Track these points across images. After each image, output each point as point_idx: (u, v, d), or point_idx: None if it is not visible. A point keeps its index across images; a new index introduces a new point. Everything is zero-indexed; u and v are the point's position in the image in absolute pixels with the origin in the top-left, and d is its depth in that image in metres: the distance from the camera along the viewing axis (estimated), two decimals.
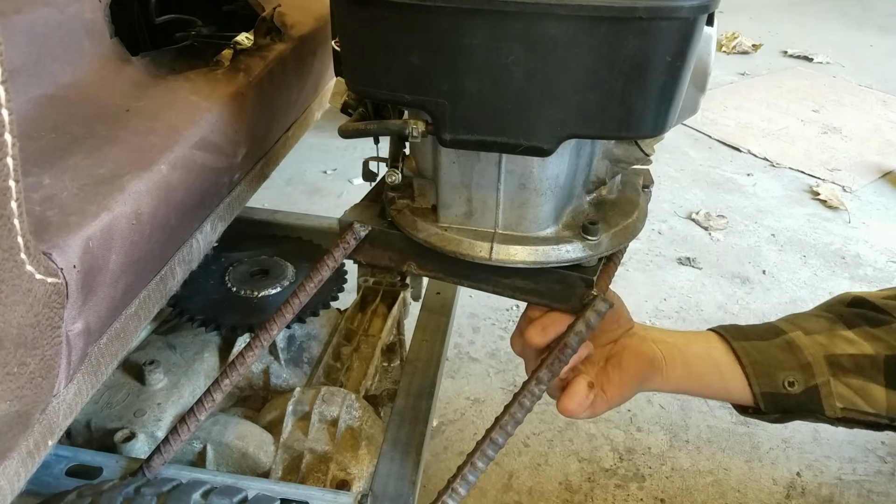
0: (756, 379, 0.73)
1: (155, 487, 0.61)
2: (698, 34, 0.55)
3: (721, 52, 3.59)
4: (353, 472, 0.83)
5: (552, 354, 0.67)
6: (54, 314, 0.45)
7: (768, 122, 2.86)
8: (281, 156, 0.94)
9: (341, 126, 0.69)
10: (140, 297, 0.62)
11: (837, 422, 0.75)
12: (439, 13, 0.54)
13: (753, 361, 0.74)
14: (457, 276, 0.74)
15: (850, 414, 0.73)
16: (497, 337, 1.60)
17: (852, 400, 0.73)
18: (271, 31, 0.88)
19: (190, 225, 0.70)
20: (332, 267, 0.78)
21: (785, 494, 1.26)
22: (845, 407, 0.73)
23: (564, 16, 0.52)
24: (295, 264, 1.12)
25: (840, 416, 0.74)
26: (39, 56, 0.62)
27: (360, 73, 0.62)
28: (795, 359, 0.74)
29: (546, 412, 1.40)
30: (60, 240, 0.48)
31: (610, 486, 1.26)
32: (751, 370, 0.74)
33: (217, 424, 0.87)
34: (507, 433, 0.66)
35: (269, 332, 0.77)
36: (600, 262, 0.71)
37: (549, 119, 0.57)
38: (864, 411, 0.73)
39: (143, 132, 0.63)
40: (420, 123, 0.62)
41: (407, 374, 0.95)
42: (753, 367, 0.74)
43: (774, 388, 0.73)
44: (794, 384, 0.73)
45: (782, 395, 0.73)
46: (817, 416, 0.74)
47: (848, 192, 2.36)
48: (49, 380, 0.47)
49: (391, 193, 0.76)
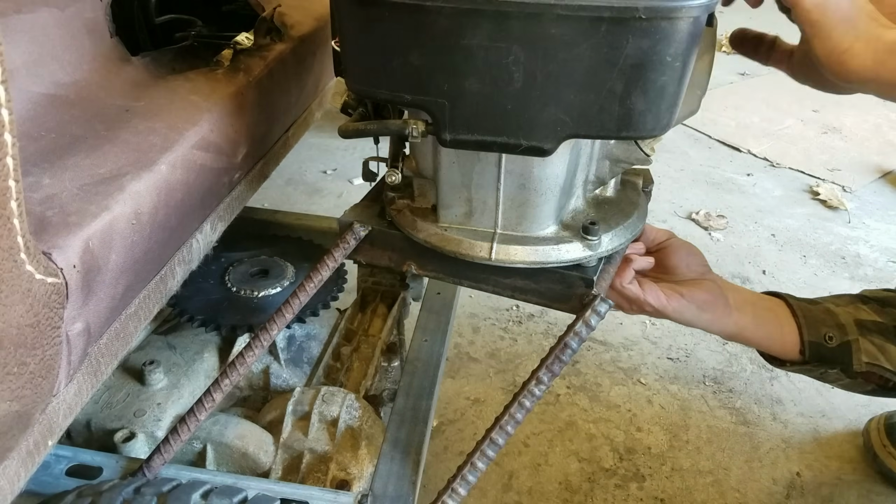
0: (807, 329, 0.91)
1: (155, 487, 0.61)
2: (698, 34, 0.55)
3: (721, 52, 3.58)
4: (353, 472, 0.83)
5: (552, 355, 0.67)
6: (54, 314, 0.45)
7: (768, 122, 2.85)
8: (281, 156, 0.94)
9: (341, 126, 0.69)
10: (140, 297, 0.62)
11: (859, 376, 0.92)
12: (440, 13, 0.54)
13: (805, 316, 0.92)
14: (456, 276, 0.74)
15: (872, 368, 0.91)
16: (497, 337, 1.60)
17: (875, 355, 0.91)
18: (271, 31, 0.88)
19: (190, 225, 0.70)
20: (331, 267, 0.78)
21: (785, 494, 1.26)
22: (869, 361, 0.90)
23: (565, 16, 0.52)
24: (295, 264, 1.12)
25: (864, 370, 0.91)
26: (40, 55, 0.61)
27: (360, 73, 0.62)
28: (833, 320, 0.92)
29: (546, 412, 1.40)
30: (60, 240, 0.48)
31: (610, 486, 1.26)
32: (803, 321, 0.91)
33: (217, 424, 0.87)
34: (507, 433, 0.66)
35: (269, 332, 0.77)
36: (600, 263, 0.71)
37: (549, 119, 0.57)
38: (883, 367, 0.90)
39: (143, 132, 0.63)
40: (420, 123, 0.62)
41: (407, 374, 0.95)
42: (805, 320, 0.92)
43: (818, 338, 0.91)
44: (833, 339, 0.91)
45: (824, 346, 0.91)
46: (845, 368, 0.91)
47: (848, 192, 2.36)
48: (49, 380, 0.47)
49: (391, 193, 0.76)
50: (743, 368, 1.54)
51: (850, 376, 0.93)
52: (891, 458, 1.29)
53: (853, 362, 0.90)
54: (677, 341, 1.61)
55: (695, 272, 0.90)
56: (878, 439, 1.32)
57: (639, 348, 1.59)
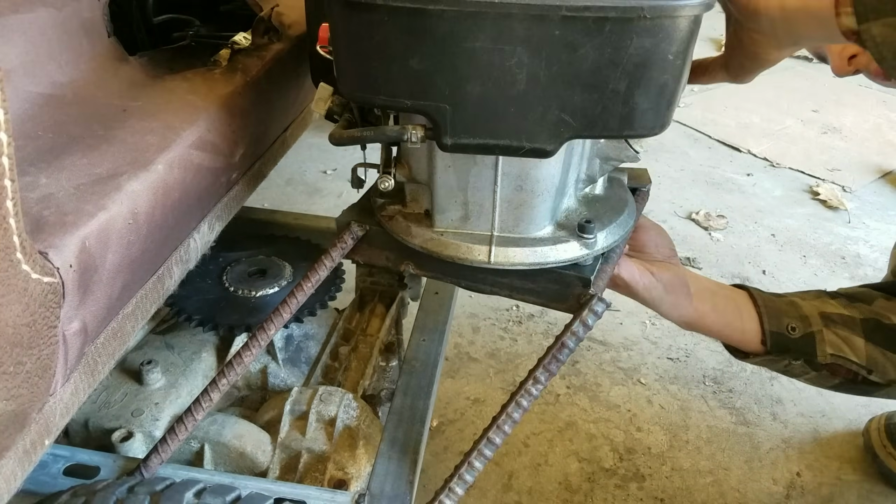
0: (768, 319, 0.91)
1: (148, 486, 0.61)
2: (698, 32, 0.55)
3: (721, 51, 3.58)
4: (351, 472, 0.83)
5: (549, 355, 0.67)
6: (51, 313, 0.45)
7: (768, 122, 2.85)
8: (279, 155, 0.94)
9: (332, 133, 0.67)
10: (137, 297, 0.62)
11: (824, 368, 0.92)
12: (441, 17, 0.53)
13: (767, 306, 0.92)
14: (454, 277, 0.74)
15: (837, 360, 0.90)
16: (497, 337, 1.60)
17: (840, 347, 0.90)
18: (269, 30, 0.88)
19: (187, 225, 0.70)
20: (329, 267, 0.78)
21: (785, 494, 1.26)
22: (834, 353, 0.90)
23: (569, 17, 0.52)
24: (293, 264, 1.12)
25: (829, 362, 0.90)
26: (37, 55, 0.61)
27: (357, 79, 0.61)
28: (796, 311, 0.92)
29: (546, 412, 1.40)
30: (57, 239, 0.48)
31: (610, 486, 1.25)
32: (764, 311, 0.91)
33: (215, 424, 0.87)
34: (505, 433, 0.66)
35: (267, 332, 0.77)
36: (597, 262, 0.71)
37: (551, 120, 0.57)
38: (849, 359, 0.90)
39: (140, 132, 0.63)
40: (419, 128, 0.61)
41: (405, 373, 0.95)
42: (767, 311, 0.91)
43: (780, 329, 0.91)
44: (796, 329, 0.90)
45: (785, 336, 0.90)
46: (810, 359, 0.91)
47: (848, 192, 2.36)
48: (45, 379, 0.47)
49: (379, 200, 0.75)
50: (743, 368, 1.54)
51: (814, 368, 0.92)
52: (891, 459, 1.28)
53: (817, 353, 0.90)
54: (677, 341, 1.61)
55: (662, 254, 0.90)
56: (878, 439, 1.32)
57: (639, 348, 1.59)
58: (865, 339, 0.90)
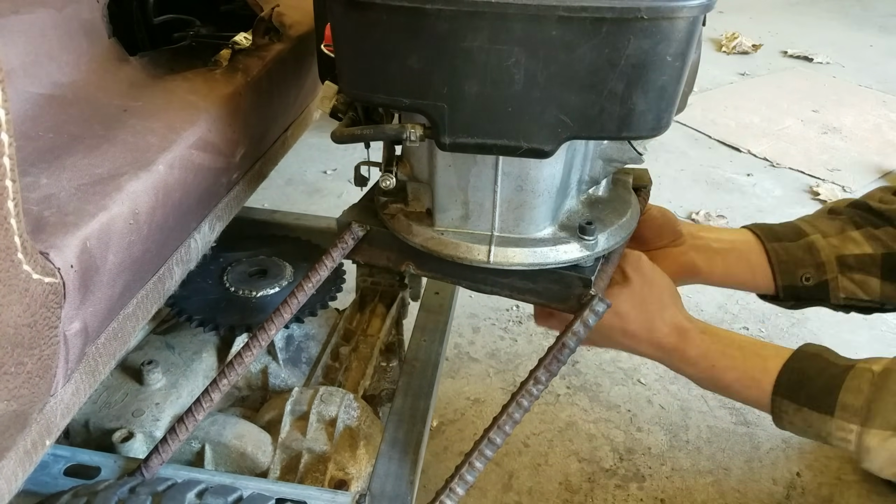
0: (781, 275, 0.91)
1: (150, 487, 0.61)
2: (698, 33, 0.55)
3: (721, 52, 3.58)
4: (352, 472, 0.83)
5: (550, 355, 0.67)
6: (51, 314, 0.45)
7: (768, 122, 2.85)
8: (279, 156, 0.94)
9: (334, 131, 0.68)
10: (138, 297, 0.62)
11: (838, 307, 0.94)
12: (439, 16, 0.54)
13: (780, 261, 0.92)
14: (455, 277, 0.74)
15: (850, 302, 0.92)
16: (497, 337, 1.60)
17: (854, 291, 0.91)
18: (270, 30, 0.88)
19: (188, 225, 0.70)
20: (330, 267, 0.78)
21: (785, 494, 1.26)
22: (847, 297, 0.91)
23: (567, 17, 0.52)
24: (293, 264, 1.12)
25: (842, 304, 0.92)
26: (37, 56, 0.62)
27: (356, 78, 0.61)
28: (813, 259, 0.91)
29: (546, 412, 1.40)
30: (58, 239, 0.48)
31: (610, 486, 1.25)
32: (777, 268, 0.91)
33: (215, 424, 0.87)
34: (505, 433, 0.66)
35: (268, 332, 0.77)
36: (598, 262, 0.71)
37: (549, 121, 0.57)
38: (861, 299, 0.92)
39: (140, 132, 0.63)
40: (418, 127, 0.62)
41: (405, 374, 0.95)
42: (780, 266, 0.91)
43: (793, 281, 0.91)
44: (810, 279, 0.91)
45: (799, 287, 0.92)
46: (824, 303, 0.93)
47: (848, 192, 2.36)
48: (46, 379, 0.47)
49: (382, 198, 0.76)
50: None
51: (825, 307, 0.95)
52: None
53: (830, 298, 0.92)
54: None
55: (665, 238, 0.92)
56: None
57: None
58: (882, 279, 0.90)
